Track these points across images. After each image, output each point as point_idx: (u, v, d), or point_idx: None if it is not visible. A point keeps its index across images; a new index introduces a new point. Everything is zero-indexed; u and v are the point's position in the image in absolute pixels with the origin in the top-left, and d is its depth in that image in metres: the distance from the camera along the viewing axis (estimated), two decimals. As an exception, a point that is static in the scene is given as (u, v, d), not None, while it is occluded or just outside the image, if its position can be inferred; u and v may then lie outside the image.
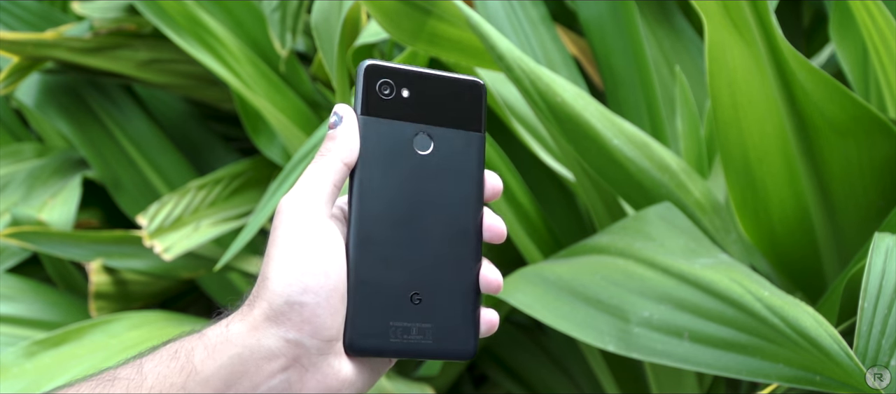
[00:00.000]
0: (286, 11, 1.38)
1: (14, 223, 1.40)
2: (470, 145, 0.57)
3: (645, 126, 1.21)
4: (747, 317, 0.82)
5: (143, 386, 0.50)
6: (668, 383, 1.08)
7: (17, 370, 1.13)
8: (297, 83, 1.45)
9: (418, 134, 0.56)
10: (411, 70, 0.57)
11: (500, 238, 0.57)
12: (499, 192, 0.58)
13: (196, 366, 0.51)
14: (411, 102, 0.56)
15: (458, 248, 0.56)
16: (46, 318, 1.36)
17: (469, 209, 0.56)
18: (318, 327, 0.51)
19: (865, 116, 0.92)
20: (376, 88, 0.56)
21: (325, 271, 0.52)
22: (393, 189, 0.55)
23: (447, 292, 0.55)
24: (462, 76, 0.58)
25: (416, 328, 0.55)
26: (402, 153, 0.56)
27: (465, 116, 0.57)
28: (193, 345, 0.52)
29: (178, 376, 0.50)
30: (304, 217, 0.53)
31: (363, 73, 0.56)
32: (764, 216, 1.01)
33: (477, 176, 0.57)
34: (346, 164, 0.54)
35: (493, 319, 0.57)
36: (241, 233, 1.24)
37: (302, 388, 0.51)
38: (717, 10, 0.92)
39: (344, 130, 0.55)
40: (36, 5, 1.59)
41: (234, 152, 1.60)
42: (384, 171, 0.55)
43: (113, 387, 0.50)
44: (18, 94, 1.52)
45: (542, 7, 1.29)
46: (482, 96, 0.58)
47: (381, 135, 0.56)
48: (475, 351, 0.56)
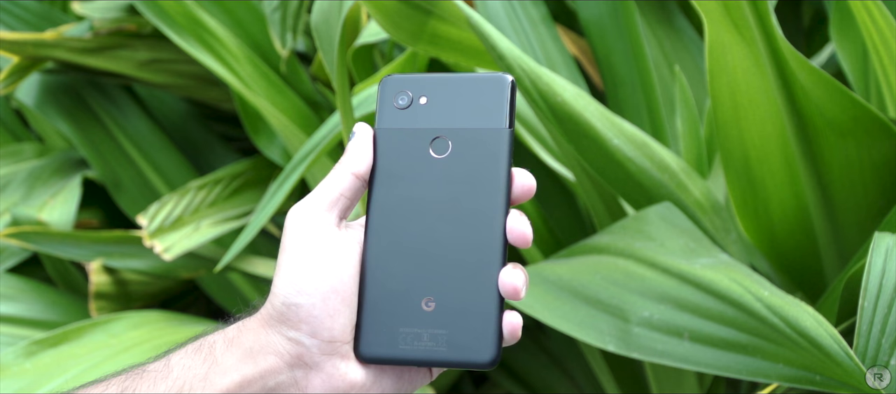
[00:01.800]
0: (286, 11, 1.38)
1: (14, 223, 1.40)
2: (493, 144, 0.55)
3: (645, 126, 1.21)
4: (747, 317, 0.82)
5: (169, 377, 0.54)
6: (668, 382, 1.08)
7: (16, 370, 1.13)
8: (297, 83, 1.45)
9: (436, 139, 0.56)
10: (431, 77, 0.57)
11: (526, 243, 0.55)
12: (531, 189, 0.55)
13: (217, 358, 0.54)
14: (429, 108, 0.56)
15: (476, 251, 0.54)
16: (46, 318, 1.35)
17: (491, 211, 0.54)
18: (316, 327, 0.53)
19: (865, 116, 0.92)
20: (393, 100, 0.56)
21: (322, 274, 0.53)
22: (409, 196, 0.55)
23: (464, 298, 0.54)
24: (486, 74, 0.56)
25: (427, 335, 0.54)
26: (419, 160, 0.55)
27: (488, 114, 0.55)
28: (216, 339, 0.55)
29: (201, 367, 0.54)
30: (305, 224, 0.55)
31: (380, 89, 0.57)
32: (764, 216, 1.01)
33: (501, 175, 0.55)
34: (356, 175, 0.56)
35: (516, 322, 0.54)
36: (242, 233, 1.24)
37: (307, 386, 0.54)
38: (718, 9, 0.92)
39: (354, 143, 0.56)
40: (36, 5, 1.59)
41: (234, 152, 1.61)
42: (400, 180, 0.55)
43: (141, 379, 0.54)
44: (18, 95, 1.52)
45: (542, 7, 1.29)
46: (506, 91, 0.56)
47: (396, 145, 0.56)
48: (497, 359, 0.53)
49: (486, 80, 0.56)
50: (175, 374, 0.54)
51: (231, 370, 0.54)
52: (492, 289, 0.54)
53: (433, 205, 0.55)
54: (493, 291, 0.54)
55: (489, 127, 0.55)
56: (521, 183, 0.55)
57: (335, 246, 0.54)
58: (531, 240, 0.55)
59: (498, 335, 0.53)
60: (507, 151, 0.55)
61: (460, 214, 0.54)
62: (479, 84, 0.56)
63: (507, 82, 0.56)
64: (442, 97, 0.56)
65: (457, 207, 0.55)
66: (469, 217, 0.54)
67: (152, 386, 0.54)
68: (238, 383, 0.54)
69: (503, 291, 0.54)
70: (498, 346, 0.53)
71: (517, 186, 0.55)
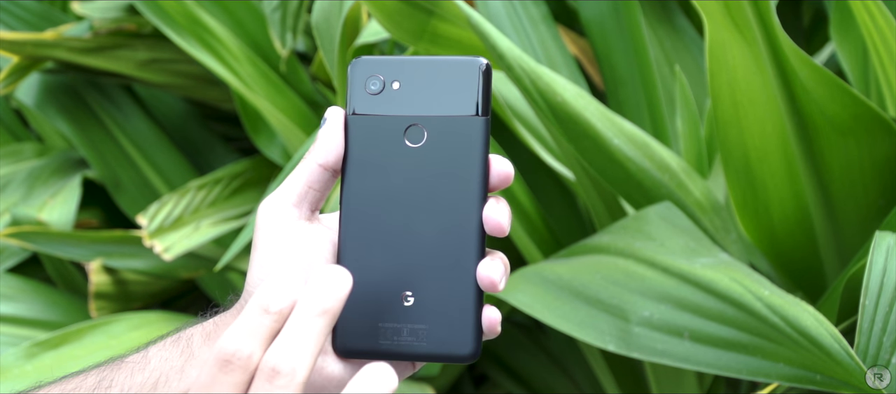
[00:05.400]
0: (287, 11, 1.38)
1: (14, 223, 1.40)
2: (469, 132, 0.53)
3: (646, 126, 1.21)
4: (748, 316, 0.82)
5: (146, 369, 0.53)
6: (668, 382, 1.08)
7: (17, 371, 1.13)
8: (297, 83, 1.45)
9: (410, 127, 0.53)
10: (402, 60, 0.54)
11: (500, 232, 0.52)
12: (509, 177, 0.53)
13: (194, 351, 0.53)
14: (403, 93, 0.53)
15: (454, 243, 0.52)
16: (46, 318, 1.35)
17: (468, 201, 0.52)
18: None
19: (866, 114, 0.92)
20: (364, 85, 0.54)
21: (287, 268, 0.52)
22: (383, 187, 0.53)
23: (442, 292, 0.52)
24: (459, 58, 0.54)
25: (407, 329, 0.52)
26: (392, 149, 0.53)
27: (463, 100, 0.53)
28: (194, 332, 0.55)
29: (178, 360, 0.53)
30: (273, 219, 0.54)
31: (350, 72, 0.54)
32: (764, 216, 1.01)
33: (477, 164, 0.52)
34: (322, 165, 0.53)
35: (494, 317, 0.53)
36: (242, 233, 1.24)
37: None
38: (718, 9, 0.92)
39: (323, 132, 0.54)
40: (36, 5, 1.59)
41: (234, 152, 1.60)
42: (373, 169, 0.53)
43: (119, 370, 0.53)
44: (18, 95, 1.52)
45: (543, 6, 1.29)
46: (480, 77, 0.53)
47: (368, 133, 0.53)
48: (476, 353, 0.52)
49: (459, 64, 0.53)
50: (152, 365, 0.53)
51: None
52: (470, 282, 0.52)
53: (409, 196, 0.53)
54: (471, 285, 0.52)
55: (464, 114, 0.53)
56: (499, 170, 0.53)
57: (305, 240, 0.53)
58: (508, 229, 0.52)
59: (477, 329, 0.52)
60: (484, 138, 0.53)
61: (437, 205, 0.52)
62: (454, 68, 0.53)
63: (480, 66, 0.53)
64: (415, 82, 0.53)
65: (433, 199, 0.52)
66: (446, 208, 0.52)
67: (129, 377, 0.53)
68: None
69: (481, 284, 0.52)
70: (477, 339, 0.52)
71: (494, 174, 0.53)
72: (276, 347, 0.44)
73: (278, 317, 0.45)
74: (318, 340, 0.45)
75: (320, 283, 0.46)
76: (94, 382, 0.54)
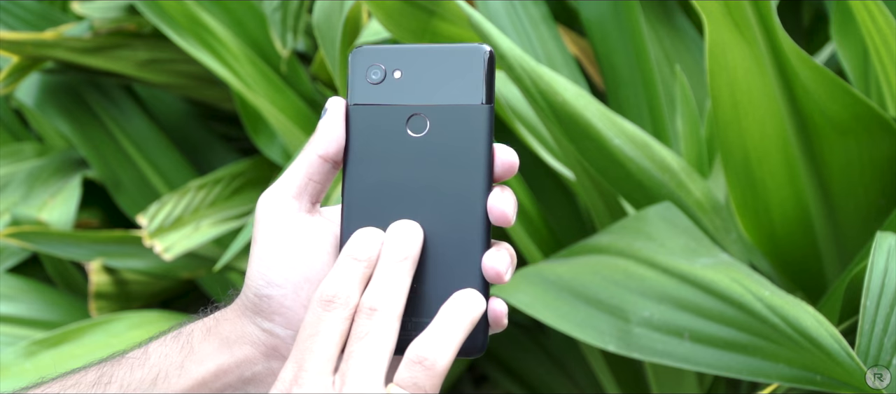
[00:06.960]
0: (287, 11, 1.38)
1: (14, 223, 1.40)
2: (474, 120, 0.51)
3: (646, 126, 1.21)
4: (748, 317, 0.82)
5: (146, 364, 0.54)
6: (669, 383, 1.08)
7: (16, 370, 1.13)
8: (297, 83, 1.45)
9: (413, 116, 0.52)
10: (404, 48, 0.53)
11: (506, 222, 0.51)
12: (514, 166, 0.52)
13: (194, 346, 0.54)
14: (405, 82, 0.52)
15: (458, 235, 0.51)
16: (46, 318, 1.36)
17: (472, 191, 0.51)
18: (289, 318, 0.52)
19: (867, 114, 0.92)
20: (365, 75, 0.53)
21: (293, 264, 0.52)
22: (385, 178, 0.52)
23: (448, 285, 0.51)
24: (462, 45, 0.52)
25: (411, 323, 0.51)
26: (395, 139, 0.52)
27: (466, 88, 0.52)
28: (194, 328, 0.55)
29: (178, 356, 0.54)
30: (273, 213, 0.53)
31: (351, 61, 0.53)
32: (764, 216, 1.01)
33: (481, 153, 0.51)
34: (322, 157, 0.53)
35: (500, 310, 0.52)
36: (242, 233, 1.24)
37: None
38: (718, 9, 0.92)
39: (324, 122, 0.53)
40: (36, 5, 1.59)
41: (234, 152, 1.61)
42: (375, 160, 0.52)
43: (119, 366, 0.54)
44: (18, 94, 1.52)
45: (543, 6, 1.29)
46: (483, 64, 0.52)
47: (370, 123, 0.52)
48: (483, 347, 0.51)
49: (462, 52, 0.52)
50: (152, 361, 0.54)
51: (207, 359, 0.53)
52: (476, 274, 0.51)
53: (412, 187, 0.52)
54: (477, 277, 0.51)
55: (468, 103, 0.52)
56: (503, 159, 0.52)
57: (306, 234, 0.53)
58: (513, 219, 0.52)
59: (483, 321, 0.51)
60: (488, 127, 0.51)
61: (441, 196, 0.51)
62: (457, 55, 0.52)
63: (484, 53, 0.52)
64: (417, 70, 0.52)
65: (437, 189, 0.51)
66: (450, 199, 0.51)
67: (129, 373, 0.53)
68: (213, 373, 0.53)
69: (486, 276, 0.51)
70: (485, 334, 0.51)
71: (499, 163, 0.52)
72: (372, 288, 0.49)
73: (368, 263, 0.50)
74: (406, 281, 0.50)
75: (400, 233, 0.51)
76: (94, 378, 0.54)
